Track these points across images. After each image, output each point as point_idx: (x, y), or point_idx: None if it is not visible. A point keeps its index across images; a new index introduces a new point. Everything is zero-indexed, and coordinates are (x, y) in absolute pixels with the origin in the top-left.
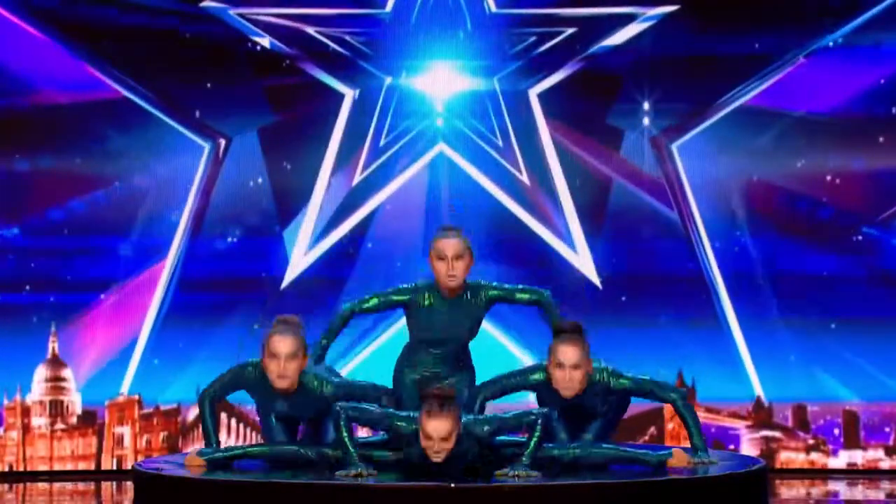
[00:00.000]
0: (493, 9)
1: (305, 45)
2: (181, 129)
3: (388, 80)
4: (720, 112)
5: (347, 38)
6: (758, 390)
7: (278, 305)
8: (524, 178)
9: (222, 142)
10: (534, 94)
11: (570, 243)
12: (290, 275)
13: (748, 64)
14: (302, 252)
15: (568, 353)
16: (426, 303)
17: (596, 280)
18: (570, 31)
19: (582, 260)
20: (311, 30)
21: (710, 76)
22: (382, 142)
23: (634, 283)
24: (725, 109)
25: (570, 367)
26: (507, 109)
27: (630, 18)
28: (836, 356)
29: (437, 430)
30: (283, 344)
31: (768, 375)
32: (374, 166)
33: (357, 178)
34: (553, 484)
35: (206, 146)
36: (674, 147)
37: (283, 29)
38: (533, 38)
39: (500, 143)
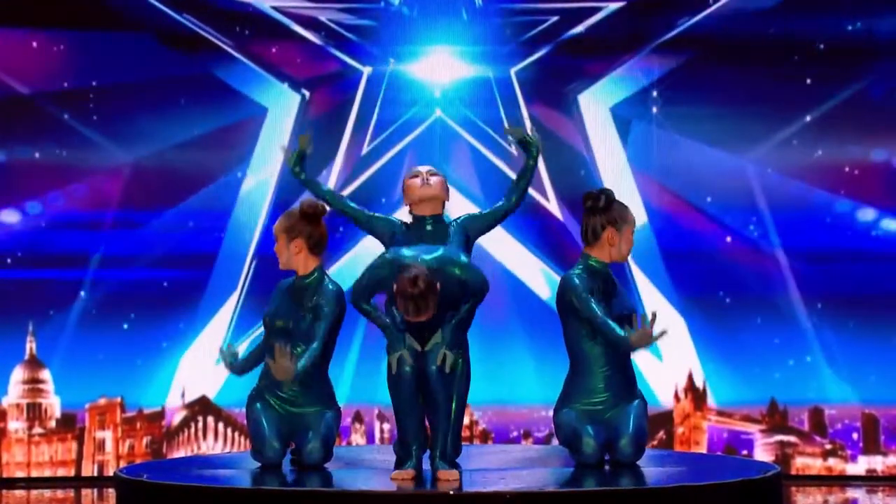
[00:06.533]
0: None
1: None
2: None
3: (368, 71)
4: None
5: (323, 18)
6: None
7: None
8: (551, 206)
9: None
10: (585, 97)
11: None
12: None
13: None
14: None
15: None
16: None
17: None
18: (616, 5)
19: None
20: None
21: None
22: (365, 149)
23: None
24: None
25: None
26: (528, 115)
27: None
28: None
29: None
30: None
31: None
32: (353, 186)
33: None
34: (557, 491)
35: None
36: None
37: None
38: (557, 18)
39: (514, 151)
